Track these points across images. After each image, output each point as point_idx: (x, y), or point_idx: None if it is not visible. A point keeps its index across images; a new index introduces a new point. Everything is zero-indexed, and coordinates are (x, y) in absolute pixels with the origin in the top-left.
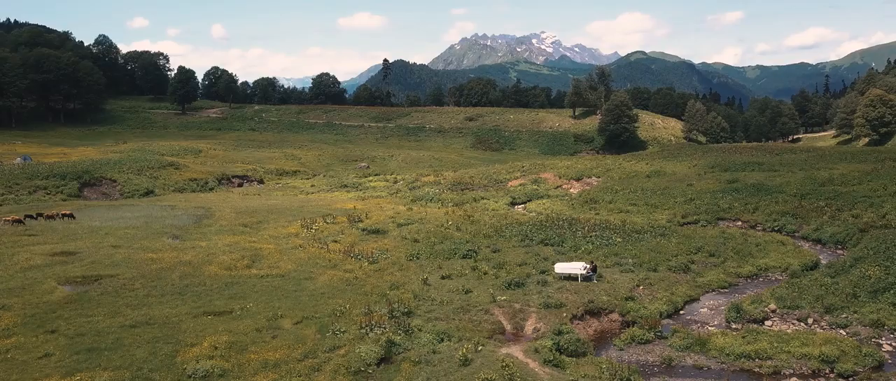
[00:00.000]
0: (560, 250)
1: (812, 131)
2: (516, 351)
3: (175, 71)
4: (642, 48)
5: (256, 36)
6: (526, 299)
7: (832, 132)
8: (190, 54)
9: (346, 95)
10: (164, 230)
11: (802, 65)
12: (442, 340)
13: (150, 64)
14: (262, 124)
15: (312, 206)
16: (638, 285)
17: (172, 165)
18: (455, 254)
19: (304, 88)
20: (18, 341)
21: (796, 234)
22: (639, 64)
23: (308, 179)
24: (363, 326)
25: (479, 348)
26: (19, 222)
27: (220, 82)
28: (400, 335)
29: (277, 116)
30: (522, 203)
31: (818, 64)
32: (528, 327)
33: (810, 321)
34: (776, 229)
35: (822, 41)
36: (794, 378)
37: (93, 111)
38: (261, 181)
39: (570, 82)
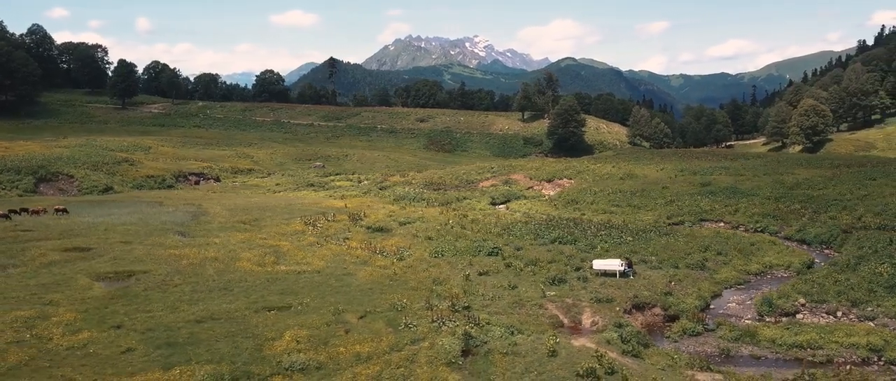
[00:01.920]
0: (579, 248)
1: (742, 139)
2: (588, 343)
3: (114, 64)
4: (572, 55)
5: (183, 30)
6: (574, 294)
7: (762, 140)
8: (114, 48)
9: (288, 93)
10: (165, 227)
11: (723, 75)
12: (513, 333)
13: (87, 57)
14: (207, 121)
15: (300, 204)
16: (670, 281)
17: (127, 162)
18: (480, 252)
19: (246, 85)
20: (91, 336)
21: (779, 234)
22: (569, 70)
23: (264, 177)
24: (434, 319)
25: (556, 340)
26: (5, 216)
27: (162, 77)
28: (473, 328)
29: (223, 113)
30: (501, 203)
31: (737, 74)
32: (586, 320)
33: (839, 313)
34: (759, 229)
35: (741, 53)
36: (848, 366)
37: (27, 104)
38: (217, 179)
39: (519, 86)
